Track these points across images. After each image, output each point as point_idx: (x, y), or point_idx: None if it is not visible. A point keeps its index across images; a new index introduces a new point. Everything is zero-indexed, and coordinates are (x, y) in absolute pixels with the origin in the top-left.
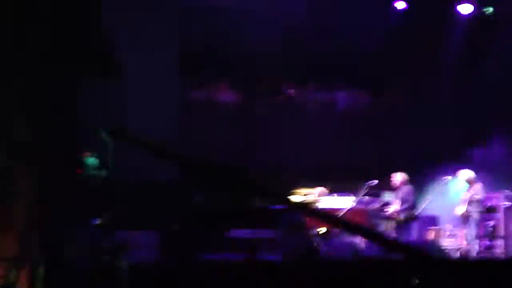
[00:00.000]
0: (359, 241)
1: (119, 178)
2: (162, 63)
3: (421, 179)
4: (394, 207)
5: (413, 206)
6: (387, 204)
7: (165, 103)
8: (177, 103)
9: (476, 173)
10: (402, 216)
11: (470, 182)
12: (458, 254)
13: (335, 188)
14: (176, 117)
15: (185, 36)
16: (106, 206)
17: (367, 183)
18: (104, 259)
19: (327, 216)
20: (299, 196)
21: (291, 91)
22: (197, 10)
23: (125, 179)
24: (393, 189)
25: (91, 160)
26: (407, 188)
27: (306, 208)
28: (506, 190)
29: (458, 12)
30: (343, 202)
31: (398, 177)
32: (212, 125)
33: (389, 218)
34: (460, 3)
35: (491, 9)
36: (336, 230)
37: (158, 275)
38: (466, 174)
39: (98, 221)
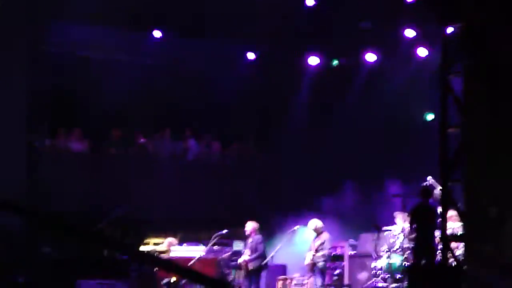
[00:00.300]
0: None
1: None
2: (10, 111)
3: (270, 228)
4: (244, 256)
5: (262, 255)
6: (236, 253)
7: (12, 151)
8: (26, 152)
9: (325, 221)
10: (251, 265)
11: (317, 231)
12: None
13: (186, 238)
14: (25, 166)
15: (36, 83)
16: None
17: (217, 233)
18: None
19: (174, 266)
20: (148, 246)
21: (144, 141)
22: (52, 58)
23: None
24: (243, 238)
25: None
26: (256, 237)
27: (153, 258)
28: (351, 239)
29: (307, 64)
30: (193, 252)
31: (248, 226)
32: (63, 174)
33: (238, 267)
34: (308, 55)
35: (336, 61)
36: (186, 280)
37: None
38: (313, 223)
39: None
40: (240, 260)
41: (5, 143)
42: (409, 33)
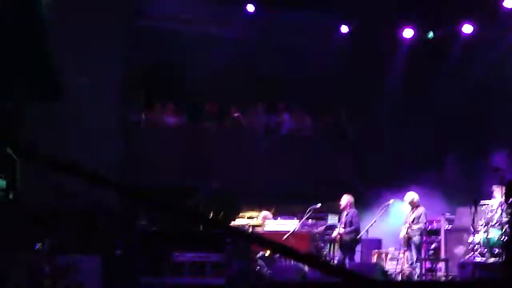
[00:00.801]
0: (303, 264)
1: (61, 203)
2: (106, 85)
3: (365, 202)
4: (338, 230)
5: (357, 229)
6: (331, 227)
7: (108, 125)
8: (122, 125)
9: (423, 194)
10: (346, 239)
11: (413, 204)
12: (400, 277)
13: (280, 211)
14: (121, 140)
15: (131, 57)
16: (47, 231)
17: (311, 206)
18: (45, 283)
19: (266, 241)
20: (243, 219)
21: (238, 115)
22: (146, 31)
23: (67, 204)
24: (337, 212)
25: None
26: (351, 211)
27: (246, 233)
28: (448, 213)
29: (401, 36)
30: (287, 225)
31: (343, 200)
32: (158, 148)
33: (333, 241)
34: (403, 28)
35: (431, 33)
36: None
37: None
38: (409, 196)
39: (39, 246)
40: (334, 234)
41: (101, 117)
42: (508, 3)
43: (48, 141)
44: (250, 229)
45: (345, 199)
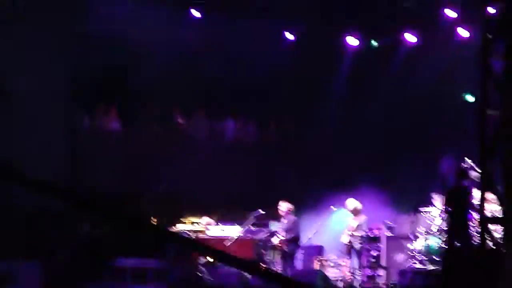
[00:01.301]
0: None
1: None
2: (52, 90)
3: (307, 208)
4: (280, 236)
5: (298, 236)
6: (273, 233)
7: (54, 131)
8: (67, 131)
9: (365, 201)
10: (287, 246)
11: (355, 212)
12: (341, 284)
13: (222, 218)
14: (66, 145)
15: (76, 63)
16: None
17: (254, 213)
18: None
19: (208, 247)
20: (185, 225)
21: (181, 119)
22: (92, 35)
23: (9, 208)
24: (278, 218)
25: None
26: (292, 218)
27: (187, 239)
28: (388, 221)
29: (346, 44)
30: (230, 232)
31: (283, 207)
32: (101, 153)
33: (274, 247)
34: (347, 36)
35: (375, 43)
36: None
37: None
38: (351, 204)
39: None
40: (275, 241)
41: (45, 123)
42: (450, 13)
43: None
44: (193, 235)
45: (285, 206)
